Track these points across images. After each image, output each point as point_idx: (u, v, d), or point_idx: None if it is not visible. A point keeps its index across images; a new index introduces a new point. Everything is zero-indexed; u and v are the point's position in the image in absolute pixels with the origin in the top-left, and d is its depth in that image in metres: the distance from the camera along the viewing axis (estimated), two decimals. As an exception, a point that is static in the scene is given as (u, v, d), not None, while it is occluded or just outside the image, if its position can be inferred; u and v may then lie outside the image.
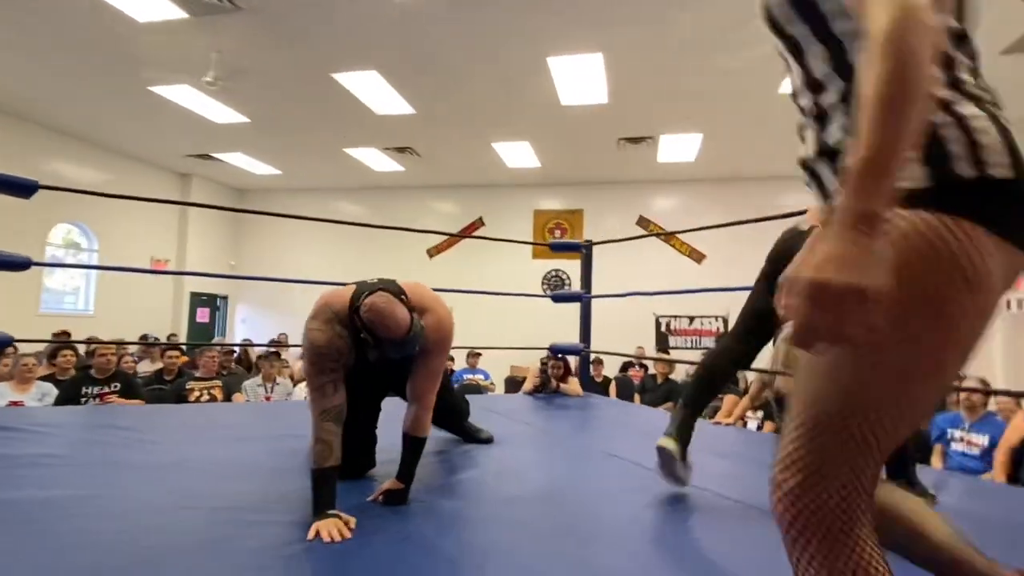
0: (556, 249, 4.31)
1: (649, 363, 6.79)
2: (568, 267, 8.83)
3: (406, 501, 1.55)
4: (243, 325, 10.16)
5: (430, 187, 9.44)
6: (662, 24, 4.27)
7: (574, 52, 4.74)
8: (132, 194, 3.01)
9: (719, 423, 3.62)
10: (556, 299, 4.11)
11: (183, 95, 5.80)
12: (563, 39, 4.58)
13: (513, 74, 5.17)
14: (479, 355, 6.60)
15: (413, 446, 1.61)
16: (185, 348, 5.93)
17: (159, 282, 8.46)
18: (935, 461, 3.47)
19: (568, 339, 4.25)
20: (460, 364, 6.65)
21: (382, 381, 1.85)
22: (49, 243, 7.46)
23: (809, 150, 0.73)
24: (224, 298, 10.07)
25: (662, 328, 8.47)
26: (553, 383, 3.83)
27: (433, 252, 9.45)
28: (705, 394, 1.75)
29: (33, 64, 5.26)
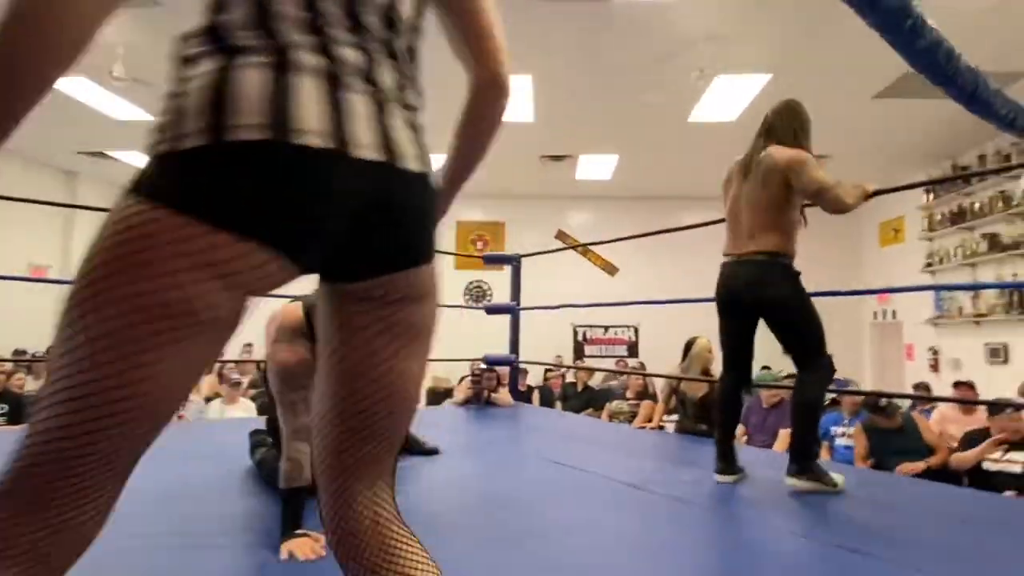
0: (488, 261, 4.43)
1: (568, 371, 7.06)
2: (489, 278, 8.97)
3: None
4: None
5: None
6: (590, 54, 4.54)
7: (505, 72, 4.90)
8: (7, 194, 2.71)
9: (643, 427, 3.88)
10: (489, 311, 4.22)
11: (80, 89, 5.33)
12: (494, 60, 4.73)
13: (444, 90, 5.23)
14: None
15: None
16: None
17: (41, 291, 7.60)
18: (823, 454, 3.93)
19: (488, 350, 4.36)
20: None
21: None
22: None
23: None
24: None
25: (579, 338, 8.82)
26: (486, 394, 3.92)
27: (351, 261, 9.24)
28: (732, 423, 2.09)
29: None
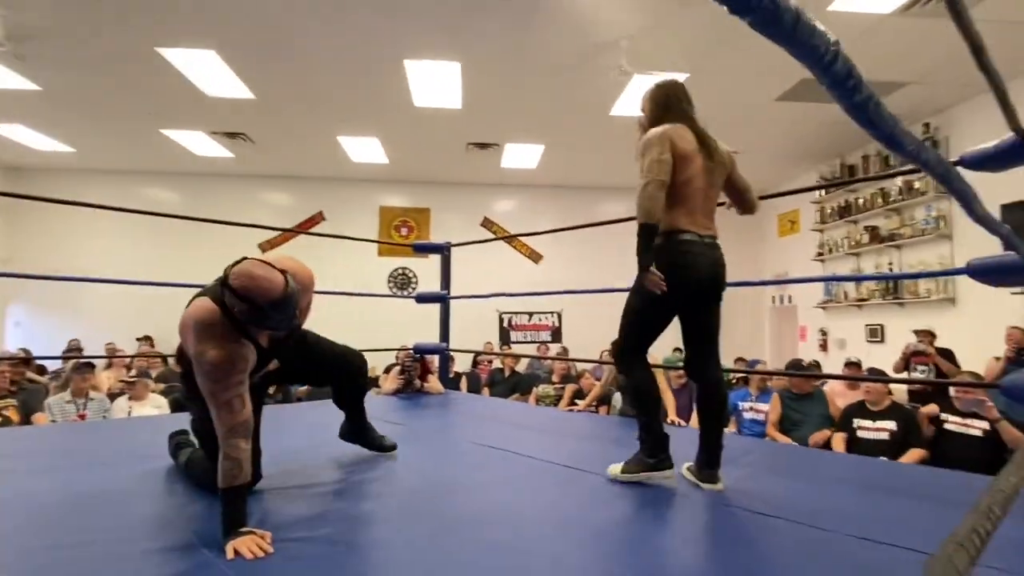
0: (419, 250, 4.40)
1: (495, 358, 7.18)
2: (414, 265, 8.87)
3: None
4: (17, 329, 8.44)
5: (263, 176, 8.77)
6: (520, 43, 4.58)
7: (433, 58, 4.85)
8: None
9: (570, 409, 4.04)
10: (420, 300, 4.21)
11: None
12: (423, 45, 4.66)
13: (368, 71, 5.11)
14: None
15: None
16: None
17: None
18: (731, 427, 4.29)
19: (412, 337, 4.35)
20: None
21: (263, 385, 1.83)
22: None
23: None
24: (-10, 298, 8.27)
25: (504, 324, 8.95)
26: (417, 382, 3.93)
27: (266, 246, 8.80)
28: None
29: None
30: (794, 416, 3.89)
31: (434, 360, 4.29)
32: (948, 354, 4.77)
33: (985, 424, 3.04)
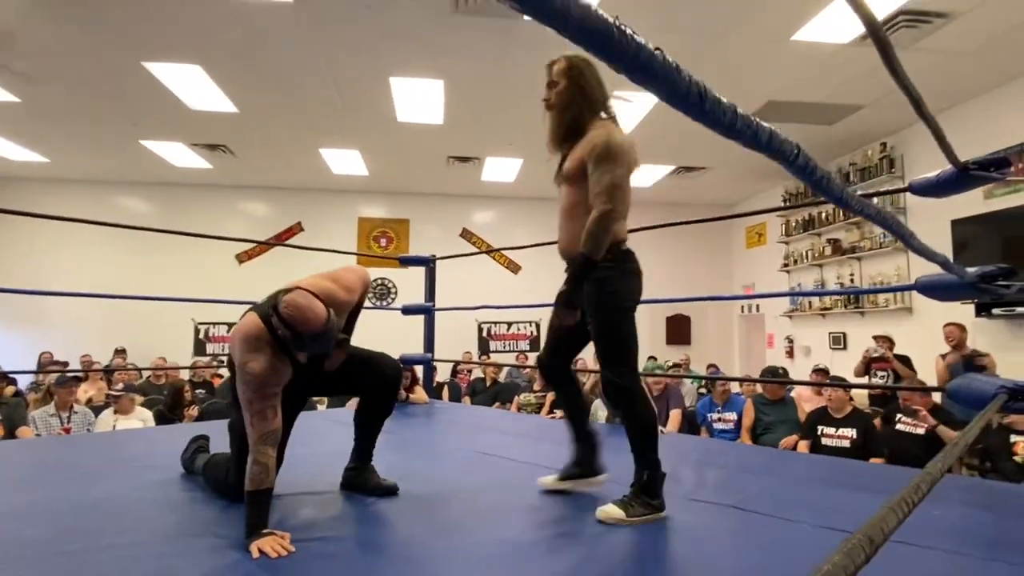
0: (404, 263, 4.51)
1: (475, 367, 7.30)
2: (393, 275, 8.94)
3: None
4: (-16, 343, 8.22)
5: (240, 187, 8.75)
6: (501, 64, 4.75)
7: (418, 76, 4.99)
8: None
9: (552, 416, 4.19)
10: (406, 311, 4.31)
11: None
12: (409, 64, 4.80)
13: (354, 88, 5.22)
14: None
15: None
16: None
17: None
18: (703, 435, 4.49)
19: (393, 348, 4.42)
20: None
21: (301, 397, 1.90)
22: None
23: None
24: (-45, 310, 8.03)
25: (483, 334, 9.08)
26: (403, 393, 4.02)
27: (243, 257, 8.78)
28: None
29: None
30: (766, 420, 4.10)
31: (417, 370, 4.38)
32: (906, 360, 5.08)
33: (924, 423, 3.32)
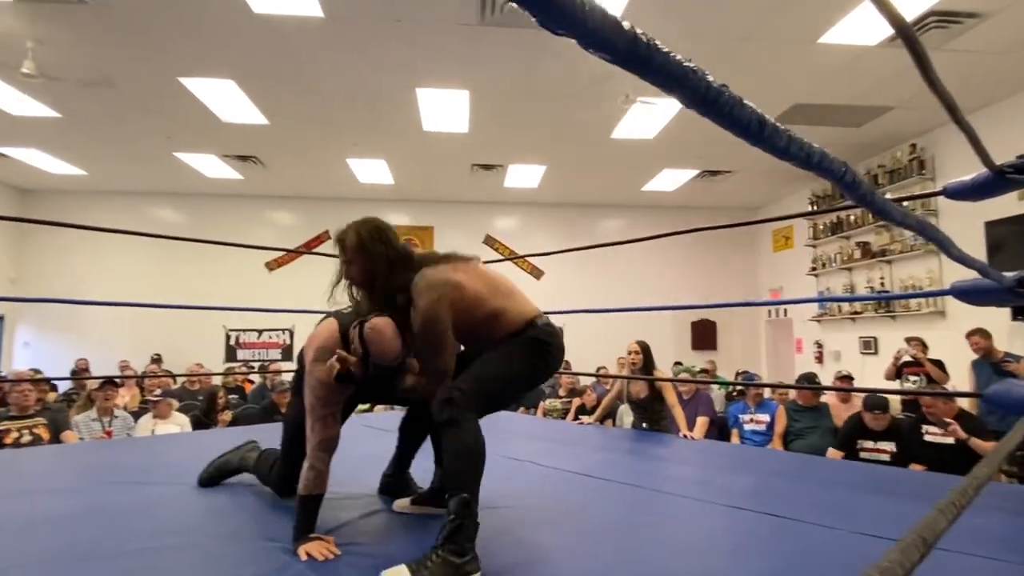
0: (432, 271, 4.58)
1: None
2: (418, 282, 9.04)
3: None
4: (26, 350, 8.54)
5: (270, 197, 8.96)
6: (526, 71, 4.81)
7: (444, 87, 5.08)
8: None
9: (580, 422, 4.20)
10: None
11: (-27, 81, 4.88)
12: (435, 75, 4.89)
13: (381, 99, 5.33)
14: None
15: None
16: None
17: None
18: (734, 439, 4.46)
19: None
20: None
21: (354, 403, 1.93)
22: None
23: None
24: (0, 318, 8.37)
25: (507, 339, 9.11)
26: (431, 397, 4.07)
27: (273, 265, 8.98)
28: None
29: None
30: (798, 426, 4.06)
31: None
32: (939, 364, 4.97)
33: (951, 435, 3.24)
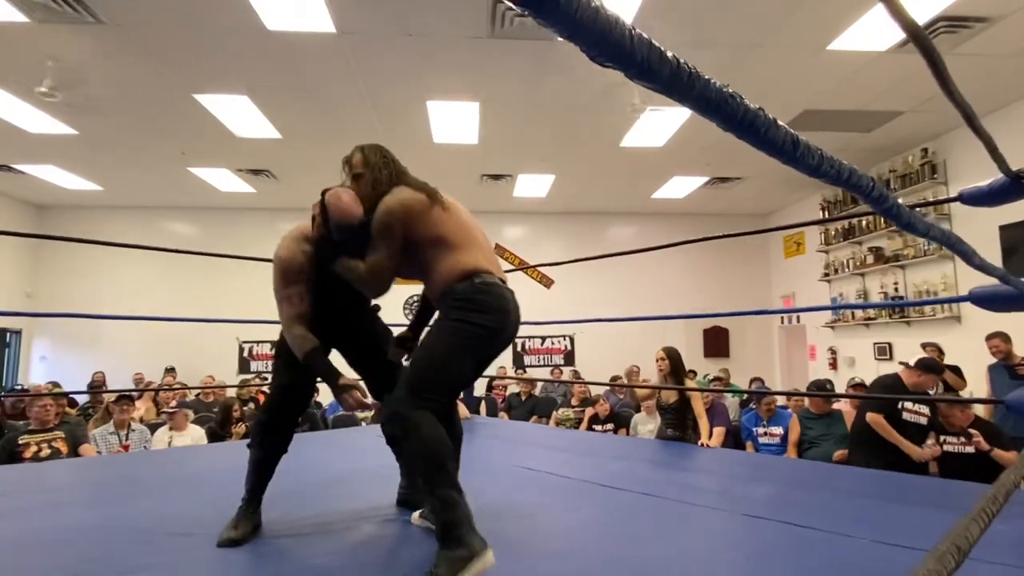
0: (444, 282, 4.60)
1: (510, 382, 7.34)
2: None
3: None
4: (43, 364, 8.64)
5: (282, 209, 9.04)
6: (536, 82, 4.84)
7: (454, 99, 5.12)
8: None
9: (595, 429, 4.19)
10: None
11: (-6, 101, 4.99)
12: (446, 88, 4.94)
13: (392, 112, 5.39)
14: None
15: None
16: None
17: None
18: (748, 449, 4.42)
19: None
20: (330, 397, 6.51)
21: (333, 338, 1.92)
22: None
23: None
24: (17, 333, 8.48)
25: (518, 348, 9.12)
26: (446, 408, 4.08)
27: (284, 277, 9.04)
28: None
29: None
30: (812, 434, 4.03)
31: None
32: (956, 370, 4.91)
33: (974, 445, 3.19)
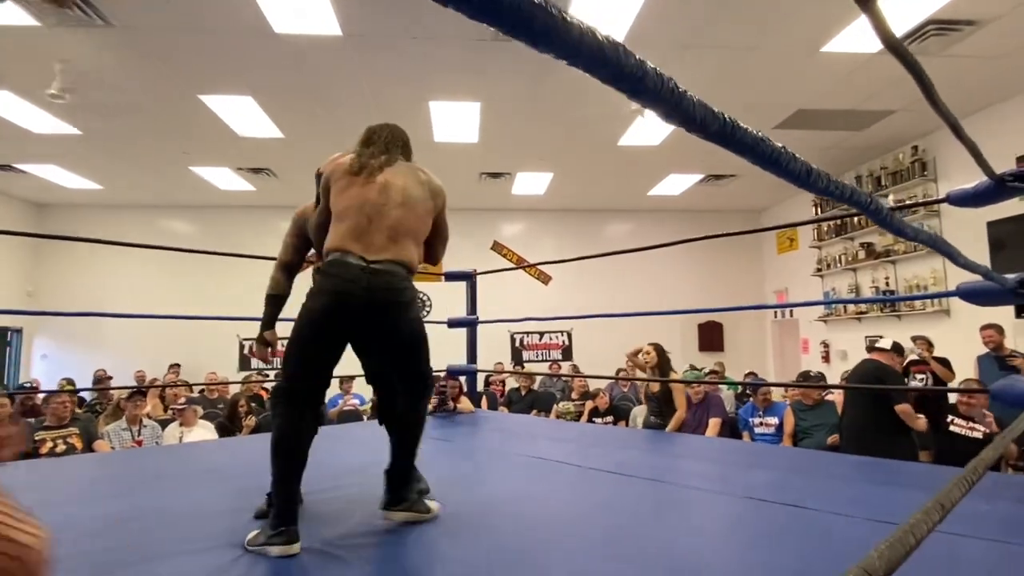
0: (450, 278, 4.70)
1: (507, 377, 7.45)
2: (429, 289, 9.16)
3: None
4: (44, 362, 8.67)
5: (282, 207, 9.08)
6: (537, 82, 4.94)
7: (456, 100, 5.21)
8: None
9: (595, 422, 4.31)
10: (451, 324, 4.49)
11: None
12: (448, 89, 5.03)
13: (394, 112, 5.46)
14: (352, 379, 6.64)
15: None
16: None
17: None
18: (744, 439, 4.56)
19: (435, 360, 4.56)
20: (334, 390, 6.61)
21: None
22: None
23: None
24: (18, 331, 8.51)
25: (516, 344, 9.23)
26: (451, 403, 4.19)
27: (284, 275, 9.10)
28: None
29: None
30: (804, 425, 4.17)
31: (460, 380, 4.53)
32: (945, 362, 5.07)
33: (985, 427, 3.35)
